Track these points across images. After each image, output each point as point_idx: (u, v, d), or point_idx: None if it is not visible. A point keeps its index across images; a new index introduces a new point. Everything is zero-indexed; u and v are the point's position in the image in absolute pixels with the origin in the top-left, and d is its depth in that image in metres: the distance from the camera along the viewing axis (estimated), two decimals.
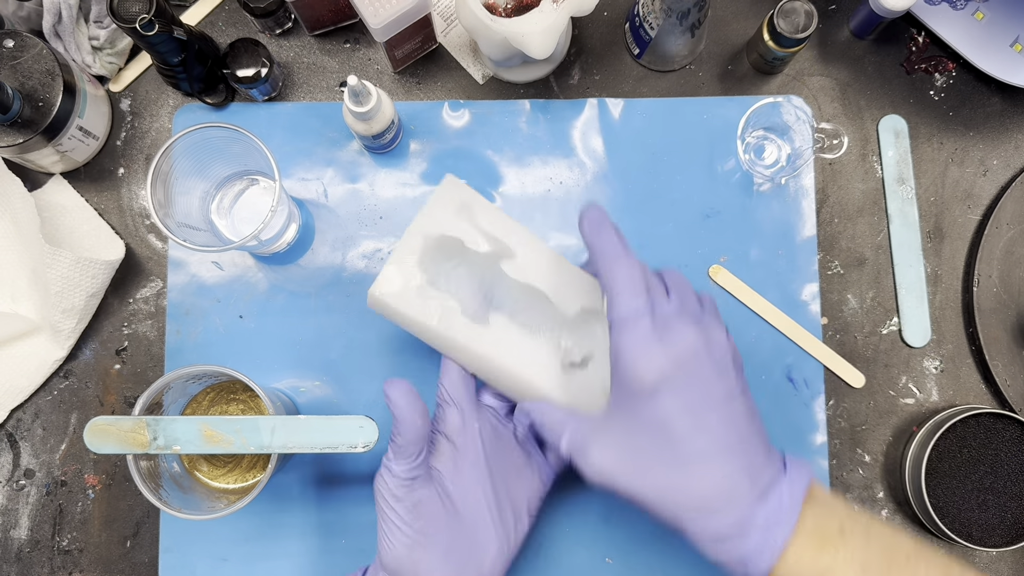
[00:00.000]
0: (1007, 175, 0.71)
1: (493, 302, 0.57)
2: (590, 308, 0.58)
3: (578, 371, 0.57)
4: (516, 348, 0.57)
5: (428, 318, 0.56)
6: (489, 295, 0.58)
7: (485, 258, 0.58)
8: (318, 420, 0.56)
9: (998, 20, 0.68)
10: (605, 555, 0.67)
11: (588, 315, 0.58)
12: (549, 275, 0.58)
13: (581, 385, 0.57)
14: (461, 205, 0.58)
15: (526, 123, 0.70)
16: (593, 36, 0.71)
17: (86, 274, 0.64)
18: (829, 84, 0.71)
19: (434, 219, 0.57)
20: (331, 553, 0.66)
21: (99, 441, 0.55)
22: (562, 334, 0.58)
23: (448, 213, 0.57)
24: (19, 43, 0.62)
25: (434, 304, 0.56)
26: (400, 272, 0.56)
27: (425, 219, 0.57)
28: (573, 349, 0.57)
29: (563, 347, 0.57)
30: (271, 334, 0.68)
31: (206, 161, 0.63)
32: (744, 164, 0.69)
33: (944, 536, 0.64)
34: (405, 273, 0.56)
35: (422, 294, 0.56)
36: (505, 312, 0.57)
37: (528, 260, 0.58)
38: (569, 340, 0.57)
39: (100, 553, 0.67)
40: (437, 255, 0.57)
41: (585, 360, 0.57)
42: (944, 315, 0.70)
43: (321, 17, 0.68)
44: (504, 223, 0.58)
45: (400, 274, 0.56)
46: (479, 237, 0.58)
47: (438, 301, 0.56)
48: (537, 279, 0.58)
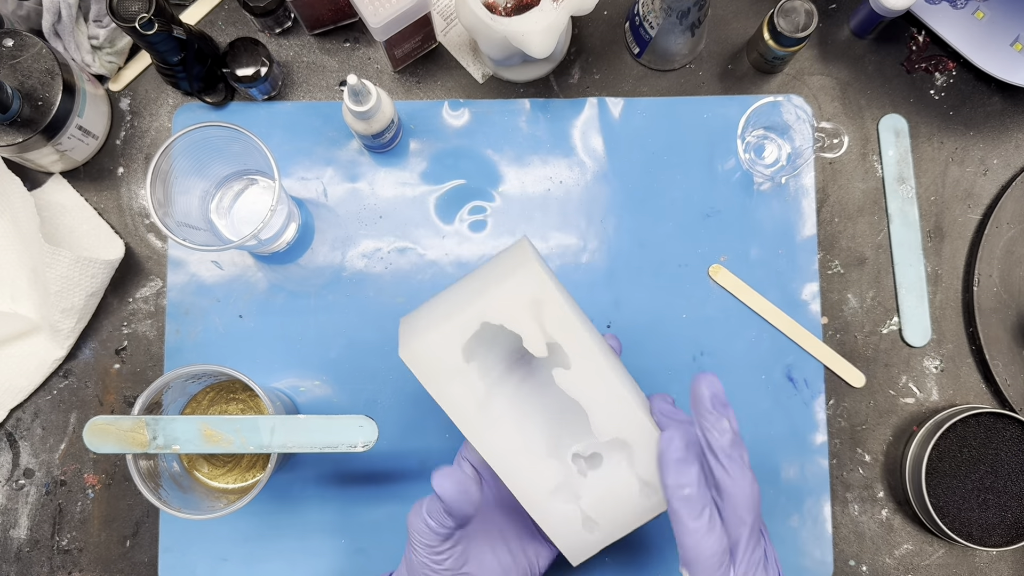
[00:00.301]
0: (1007, 174, 0.71)
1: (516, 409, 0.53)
2: (624, 440, 0.52)
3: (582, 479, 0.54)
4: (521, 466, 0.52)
5: (449, 405, 0.52)
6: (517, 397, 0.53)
7: (539, 362, 0.53)
8: (318, 420, 0.56)
9: (998, 19, 0.68)
10: (605, 555, 0.67)
11: (621, 444, 0.53)
12: (599, 392, 0.52)
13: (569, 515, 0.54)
14: (533, 301, 0.50)
15: (526, 122, 0.70)
16: (593, 35, 0.71)
17: (86, 273, 0.64)
18: (829, 83, 0.71)
19: (499, 308, 0.50)
20: (331, 553, 0.66)
21: (99, 441, 0.55)
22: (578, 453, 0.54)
23: (517, 306, 0.50)
24: (19, 42, 0.62)
25: (459, 391, 0.51)
26: (440, 349, 0.51)
27: (491, 305, 0.50)
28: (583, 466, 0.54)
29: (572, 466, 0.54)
30: (271, 334, 0.68)
31: (206, 160, 0.63)
32: (744, 163, 0.69)
33: (944, 536, 0.64)
34: (444, 353, 0.51)
35: (453, 377, 0.51)
36: (521, 422, 0.53)
37: (582, 372, 0.51)
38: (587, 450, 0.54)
39: (100, 553, 0.67)
40: (489, 345, 0.52)
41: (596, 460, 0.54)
42: (944, 315, 0.70)
43: (321, 16, 0.68)
44: (572, 328, 0.51)
45: (438, 351, 0.51)
46: (541, 340, 0.51)
47: (465, 386, 0.51)
48: (584, 395, 0.52)
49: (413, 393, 0.68)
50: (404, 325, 0.54)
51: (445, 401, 0.51)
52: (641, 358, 0.68)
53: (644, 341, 0.68)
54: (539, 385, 0.54)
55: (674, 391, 0.68)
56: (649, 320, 0.69)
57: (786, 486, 0.67)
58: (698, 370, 0.68)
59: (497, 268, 0.53)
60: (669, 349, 0.68)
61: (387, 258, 0.69)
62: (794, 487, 0.67)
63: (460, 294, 0.53)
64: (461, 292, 0.53)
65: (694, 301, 0.69)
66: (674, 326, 0.69)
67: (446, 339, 0.50)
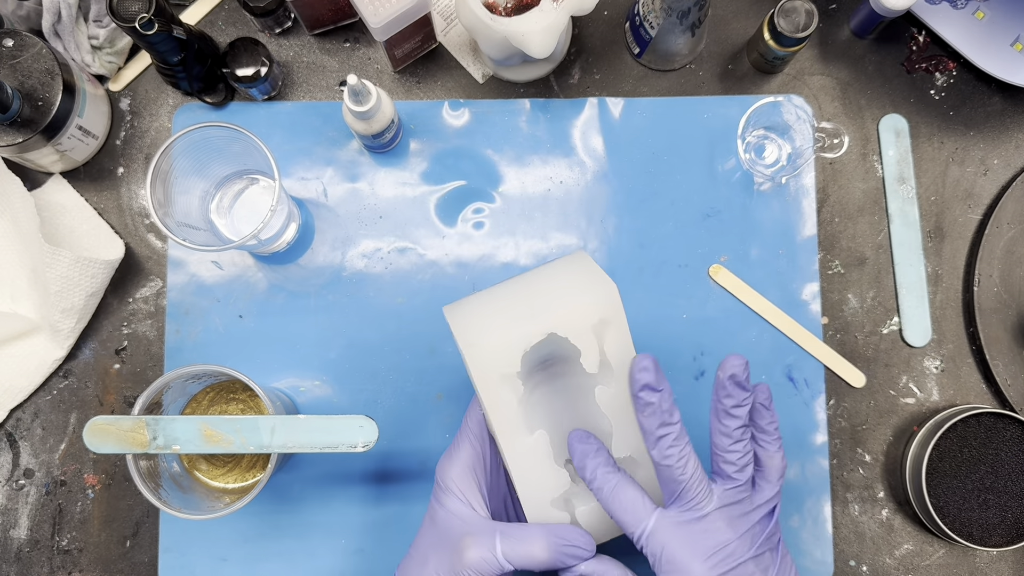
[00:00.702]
0: (1008, 174, 0.71)
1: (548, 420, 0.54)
2: (638, 459, 0.55)
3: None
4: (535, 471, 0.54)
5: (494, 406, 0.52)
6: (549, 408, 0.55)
7: (587, 377, 0.54)
8: (318, 420, 0.56)
9: (998, 19, 0.68)
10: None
11: (631, 462, 0.55)
12: (627, 416, 0.54)
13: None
14: (601, 321, 0.52)
15: (526, 122, 0.70)
16: (593, 35, 0.71)
17: (85, 273, 0.64)
18: (829, 83, 0.71)
19: (570, 322, 0.51)
20: (331, 553, 0.66)
21: (99, 441, 0.55)
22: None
23: (587, 322, 0.51)
24: (19, 42, 0.62)
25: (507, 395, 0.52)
26: (503, 352, 0.51)
27: (565, 318, 0.51)
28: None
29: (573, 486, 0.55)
30: (271, 334, 0.68)
31: (206, 160, 0.63)
32: (744, 163, 0.69)
33: (945, 536, 0.64)
34: (507, 356, 0.51)
35: (505, 381, 0.52)
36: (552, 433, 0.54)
37: (621, 394, 0.53)
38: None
39: (100, 553, 0.67)
40: (547, 352, 0.53)
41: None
42: (945, 315, 0.70)
43: (321, 16, 0.68)
44: (627, 352, 0.53)
45: (502, 353, 0.51)
46: (596, 358, 0.52)
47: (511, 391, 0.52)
48: (615, 414, 0.54)
49: (413, 393, 0.68)
50: (457, 313, 0.55)
51: (492, 402, 0.52)
52: None
53: (644, 341, 0.68)
54: (574, 406, 0.55)
55: (674, 391, 0.68)
56: (649, 320, 0.69)
57: (786, 486, 0.67)
58: (698, 370, 0.68)
59: (565, 278, 0.54)
60: (669, 349, 0.68)
61: (387, 258, 0.69)
62: (794, 487, 0.67)
63: (527, 298, 0.53)
64: (528, 296, 0.54)
65: (694, 301, 0.69)
66: (674, 326, 0.69)
67: (512, 344, 0.51)
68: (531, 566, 0.52)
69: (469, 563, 0.51)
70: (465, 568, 0.52)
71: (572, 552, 0.52)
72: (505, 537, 0.52)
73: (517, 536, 0.52)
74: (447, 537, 0.53)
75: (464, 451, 0.55)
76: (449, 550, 0.53)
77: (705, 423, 0.68)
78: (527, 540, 0.52)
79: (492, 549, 0.51)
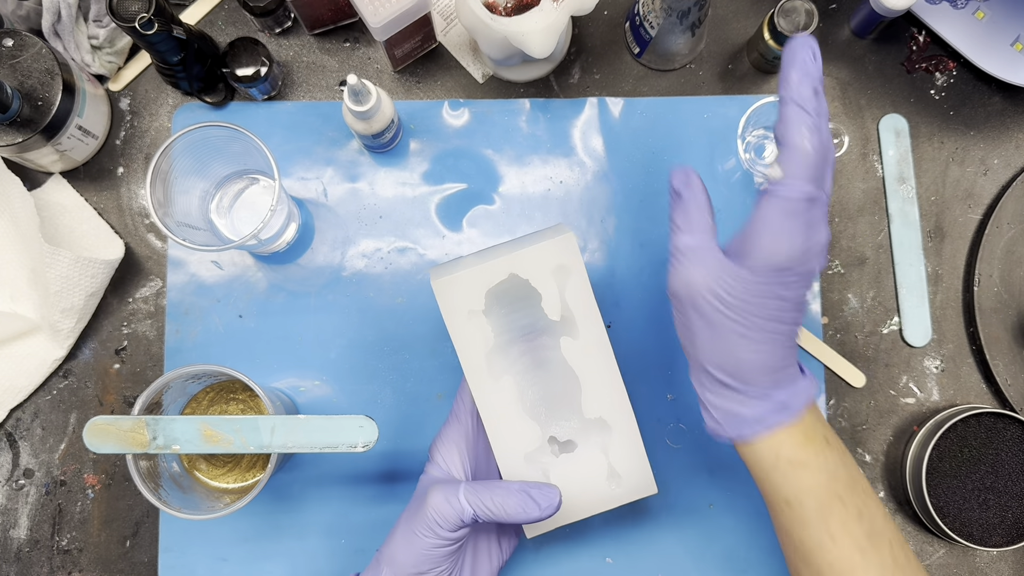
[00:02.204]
0: (1008, 174, 0.71)
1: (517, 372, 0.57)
2: (608, 421, 0.57)
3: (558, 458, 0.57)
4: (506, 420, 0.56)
5: (460, 340, 0.55)
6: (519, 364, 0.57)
7: (550, 324, 0.57)
8: (318, 420, 0.56)
9: (999, 19, 0.68)
10: (605, 555, 0.67)
11: (602, 425, 0.57)
12: (596, 373, 0.56)
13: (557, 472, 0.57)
14: (561, 266, 0.55)
15: (526, 122, 0.70)
16: (593, 35, 0.71)
17: (85, 273, 0.64)
18: (829, 83, 0.71)
19: (530, 264, 0.55)
20: (331, 553, 0.66)
21: (99, 441, 0.55)
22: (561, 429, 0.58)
23: (546, 266, 0.55)
24: (18, 42, 0.62)
25: (474, 334, 0.55)
26: (468, 288, 0.55)
27: (524, 259, 0.55)
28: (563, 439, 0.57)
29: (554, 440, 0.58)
30: (271, 334, 0.68)
31: (206, 160, 0.63)
32: (744, 163, 0.69)
33: (945, 536, 0.64)
34: (471, 292, 0.55)
35: (471, 319, 0.55)
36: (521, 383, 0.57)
37: (587, 346, 0.56)
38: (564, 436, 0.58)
39: (99, 553, 0.67)
40: (511, 296, 0.56)
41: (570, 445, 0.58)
42: (945, 314, 0.70)
43: (321, 16, 0.68)
44: (588, 303, 0.56)
45: (467, 289, 0.55)
46: (558, 305, 0.56)
47: (480, 333, 0.55)
48: (583, 369, 0.56)
49: (413, 393, 0.68)
50: (438, 267, 0.59)
51: (460, 338, 0.55)
52: (641, 358, 0.68)
53: (644, 341, 0.68)
54: (537, 363, 0.58)
55: (674, 391, 0.68)
56: (649, 320, 0.69)
57: None
58: None
59: (534, 236, 0.59)
60: (669, 349, 0.68)
61: (387, 258, 0.69)
62: None
63: (497, 250, 0.58)
64: (498, 249, 0.59)
65: None
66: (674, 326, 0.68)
67: (475, 279, 0.55)
68: (493, 511, 0.51)
69: (432, 503, 0.52)
70: (428, 509, 0.52)
71: (536, 499, 0.51)
72: (469, 484, 0.53)
73: (481, 484, 0.52)
74: (420, 497, 0.54)
75: (451, 426, 0.57)
76: (417, 506, 0.54)
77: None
78: (491, 487, 0.52)
79: (455, 493, 0.52)
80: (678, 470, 0.67)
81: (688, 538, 0.67)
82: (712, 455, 0.68)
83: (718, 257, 0.48)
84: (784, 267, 0.47)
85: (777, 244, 0.47)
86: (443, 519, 0.51)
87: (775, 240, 0.47)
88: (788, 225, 0.46)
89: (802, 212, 0.46)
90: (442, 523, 0.52)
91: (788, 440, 0.49)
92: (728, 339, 0.48)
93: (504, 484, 0.52)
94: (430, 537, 0.52)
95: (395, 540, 0.54)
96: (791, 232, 0.46)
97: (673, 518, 0.67)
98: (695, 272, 0.48)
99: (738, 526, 0.67)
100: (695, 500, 0.67)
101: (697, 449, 0.68)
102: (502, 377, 0.56)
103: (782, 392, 0.49)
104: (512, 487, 0.52)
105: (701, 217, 0.50)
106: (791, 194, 0.46)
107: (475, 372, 0.56)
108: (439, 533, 0.52)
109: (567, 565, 0.67)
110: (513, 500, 0.51)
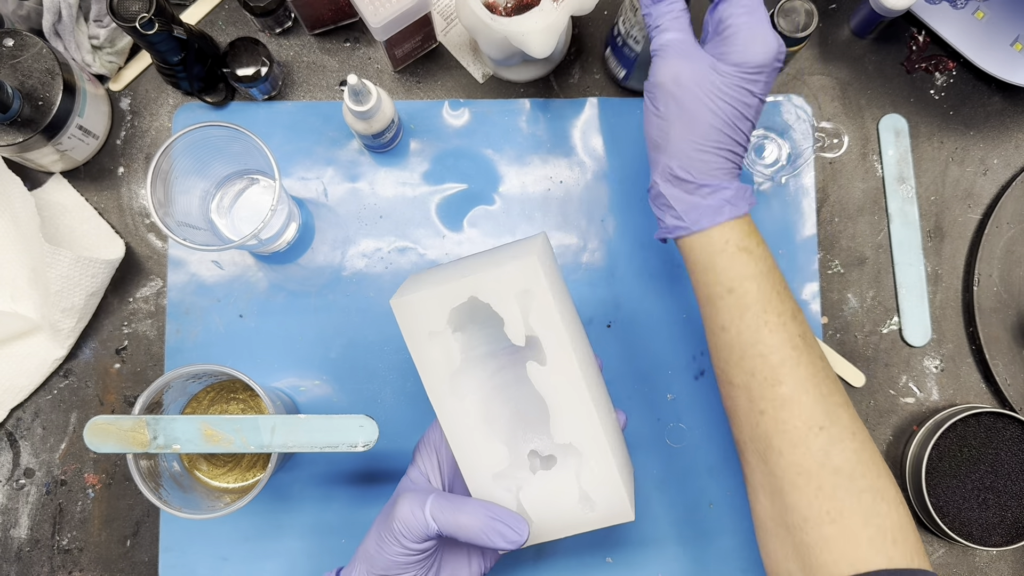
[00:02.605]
0: (1007, 174, 0.71)
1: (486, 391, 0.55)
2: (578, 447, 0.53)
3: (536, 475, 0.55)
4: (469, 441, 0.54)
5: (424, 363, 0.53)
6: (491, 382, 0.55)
7: (514, 350, 0.56)
8: (318, 419, 0.56)
9: (998, 19, 0.68)
10: (605, 555, 0.67)
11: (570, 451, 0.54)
12: (564, 399, 0.53)
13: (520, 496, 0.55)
14: (523, 291, 0.52)
15: (526, 122, 0.70)
16: (593, 35, 0.71)
17: (86, 273, 0.64)
18: (829, 83, 0.71)
19: (491, 289, 0.52)
20: (331, 553, 0.66)
21: (99, 440, 0.55)
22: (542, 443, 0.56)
23: (508, 291, 0.52)
24: (19, 42, 0.62)
25: (436, 354, 0.53)
26: (428, 309, 0.52)
27: (484, 283, 0.52)
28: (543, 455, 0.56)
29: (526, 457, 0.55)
30: (271, 333, 0.68)
31: (206, 160, 0.63)
32: (744, 163, 0.69)
33: (944, 535, 0.64)
34: (431, 313, 0.53)
35: (433, 339, 0.53)
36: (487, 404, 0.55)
37: (555, 371, 0.53)
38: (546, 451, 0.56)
39: (100, 552, 0.67)
40: (479, 325, 0.55)
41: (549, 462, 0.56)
42: (944, 314, 0.70)
43: (321, 16, 0.68)
44: (553, 326, 0.52)
45: (427, 310, 0.53)
46: (522, 330, 0.52)
47: (443, 353, 0.53)
48: (551, 394, 0.53)
49: (413, 393, 0.68)
50: (408, 282, 0.57)
51: (421, 358, 0.53)
52: (641, 358, 0.68)
53: (644, 341, 0.68)
54: (515, 379, 0.56)
55: (674, 391, 0.68)
56: (649, 320, 0.69)
57: None
58: (698, 370, 0.68)
59: (503, 253, 0.56)
60: (669, 349, 0.68)
61: (387, 258, 0.69)
62: None
63: (463, 267, 0.55)
64: (465, 265, 0.56)
65: (694, 301, 0.69)
66: (674, 326, 0.69)
67: (435, 301, 0.53)
68: (458, 533, 0.51)
69: (398, 514, 0.51)
70: (394, 519, 0.51)
71: (502, 531, 0.50)
72: (438, 498, 0.51)
73: (450, 500, 0.51)
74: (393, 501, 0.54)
75: (433, 429, 0.57)
76: (388, 510, 0.53)
77: (708, 423, 0.68)
78: (459, 506, 0.51)
79: (422, 505, 0.51)
80: (678, 470, 0.67)
81: (688, 538, 0.67)
82: (712, 455, 0.68)
83: (703, 54, 0.52)
84: (761, 64, 0.51)
85: (754, 44, 0.51)
86: (408, 530, 0.51)
87: (753, 40, 0.51)
88: (762, 27, 0.51)
89: (765, 11, 0.52)
90: (407, 534, 0.51)
91: (737, 228, 0.53)
92: (702, 132, 0.52)
93: (473, 506, 0.51)
94: (395, 545, 0.51)
95: (369, 539, 0.54)
96: (765, 33, 0.51)
97: (673, 518, 0.67)
98: (683, 65, 0.52)
99: (738, 526, 0.67)
100: (695, 500, 0.67)
101: (697, 449, 0.68)
102: (467, 397, 0.54)
103: (734, 189, 0.53)
104: (480, 512, 0.51)
105: (683, 15, 0.53)
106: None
107: (437, 394, 0.53)
108: (403, 543, 0.51)
109: (568, 564, 0.67)
110: (479, 525, 0.50)
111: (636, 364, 0.68)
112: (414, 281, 0.57)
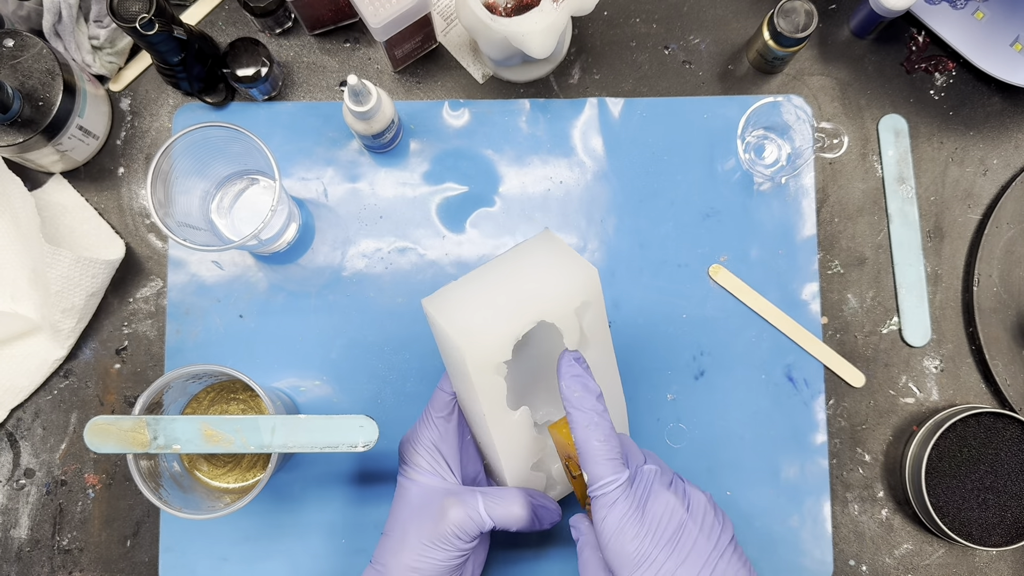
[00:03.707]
0: (1007, 174, 0.71)
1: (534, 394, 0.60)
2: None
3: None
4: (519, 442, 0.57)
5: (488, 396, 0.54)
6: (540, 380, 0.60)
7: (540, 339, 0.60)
8: (318, 419, 0.56)
9: (998, 19, 0.68)
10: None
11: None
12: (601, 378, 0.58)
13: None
14: (584, 304, 0.55)
15: (526, 123, 0.70)
16: (593, 35, 0.71)
17: (86, 273, 0.64)
18: (829, 83, 0.71)
19: (556, 309, 0.54)
20: (331, 553, 0.66)
21: (99, 440, 0.55)
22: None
23: (571, 307, 0.54)
24: (19, 42, 0.62)
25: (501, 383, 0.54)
26: (501, 343, 0.53)
27: (550, 306, 0.54)
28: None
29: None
30: (271, 334, 0.68)
31: (206, 160, 0.63)
32: (744, 163, 0.69)
33: (944, 536, 0.64)
34: (504, 347, 0.53)
35: (499, 371, 0.54)
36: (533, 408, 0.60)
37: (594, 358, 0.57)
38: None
39: (100, 552, 0.67)
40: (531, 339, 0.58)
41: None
42: (944, 314, 0.70)
43: (321, 16, 0.68)
44: (603, 331, 0.57)
45: (499, 344, 0.53)
46: (577, 336, 0.55)
47: (500, 376, 0.54)
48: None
49: (413, 393, 0.68)
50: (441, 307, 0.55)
51: (485, 390, 0.54)
52: (641, 358, 0.68)
53: (644, 341, 0.68)
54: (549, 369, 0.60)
55: (674, 391, 0.68)
56: (649, 320, 0.69)
57: (786, 486, 0.67)
58: (698, 370, 0.69)
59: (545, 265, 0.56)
60: (669, 349, 0.68)
61: (387, 258, 0.69)
62: (794, 487, 0.67)
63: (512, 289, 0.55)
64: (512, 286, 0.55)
65: (694, 301, 0.69)
66: (674, 326, 0.69)
67: (505, 336, 0.53)
68: (511, 524, 0.54)
69: (453, 521, 0.53)
70: (449, 526, 0.53)
71: (543, 514, 0.56)
72: (487, 496, 0.55)
73: (498, 495, 0.55)
74: (426, 507, 0.55)
75: (430, 430, 0.58)
76: (429, 518, 0.55)
77: (706, 421, 0.68)
78: (507, 498, 0.54)
79: (475, 507, 0.54)
80: (678, 470, 0.67)
81: None
82: (712, 455, 0.68)
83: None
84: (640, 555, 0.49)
85: (622, 545, 0.49)
86: (464, 532, 0.54)
87: (619, 542, 0.49)
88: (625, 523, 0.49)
89: (627, 496, 0.50)
90: (462, 536, 0.54)
91: None
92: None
93: (515, 495, 0.55)
94: (450, 550, 0.54)
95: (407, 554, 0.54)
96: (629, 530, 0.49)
97: None
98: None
99: (738, 526, 0.67)
100: None
101: (697, 449, 0.68)
102: (519, 407, 0.56)
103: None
104: (524, 500, 0.55)
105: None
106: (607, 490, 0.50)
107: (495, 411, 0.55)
108: (458, 545, 0.54)
109: (568, 563, 0.67)
110: (527, 513, 0.55)
111: (636, 364, 0.68)
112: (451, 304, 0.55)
